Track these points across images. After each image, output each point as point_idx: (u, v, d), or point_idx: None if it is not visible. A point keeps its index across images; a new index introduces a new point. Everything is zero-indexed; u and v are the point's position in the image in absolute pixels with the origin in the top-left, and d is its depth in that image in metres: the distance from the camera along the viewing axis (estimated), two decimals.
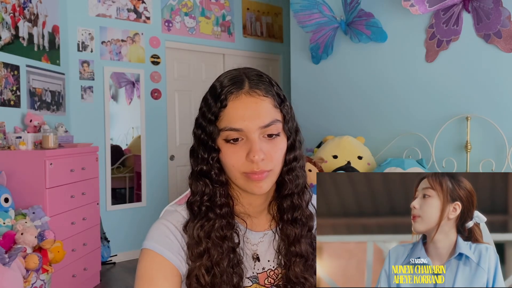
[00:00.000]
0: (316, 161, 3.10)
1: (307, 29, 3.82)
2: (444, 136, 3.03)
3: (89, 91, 3.98)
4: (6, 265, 2.13)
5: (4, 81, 2.98)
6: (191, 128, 0.88)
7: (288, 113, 0.83)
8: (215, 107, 0.80)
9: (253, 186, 0.79)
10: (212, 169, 0.82)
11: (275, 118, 0.79)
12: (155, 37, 4.32)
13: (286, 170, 0.84)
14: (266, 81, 0.82)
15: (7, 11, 3.02)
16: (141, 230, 4.22)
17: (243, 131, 0.77)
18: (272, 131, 0.79)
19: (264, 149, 0.78)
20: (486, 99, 2.86)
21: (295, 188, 0.85)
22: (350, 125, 3.66)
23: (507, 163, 2.72)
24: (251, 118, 0.77)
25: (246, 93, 0.79)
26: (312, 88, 4.00)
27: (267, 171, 0.79)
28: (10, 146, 2.88)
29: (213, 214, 0.82)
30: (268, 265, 0.87)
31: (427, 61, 3.15)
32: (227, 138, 0.79)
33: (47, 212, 2.74)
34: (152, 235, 0.84)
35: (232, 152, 0.79)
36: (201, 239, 0.80)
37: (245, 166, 0.78)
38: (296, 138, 0.85)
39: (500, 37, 2.76)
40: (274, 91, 0.82)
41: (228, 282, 0.80)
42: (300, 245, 0.84)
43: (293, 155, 0.84)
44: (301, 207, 0.86)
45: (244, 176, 0.79)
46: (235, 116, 0.77)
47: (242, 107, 0.78)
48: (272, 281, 0.86)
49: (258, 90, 0.79)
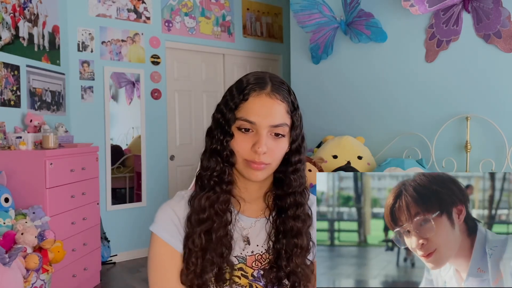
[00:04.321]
0: (316, 161, 3.10)
1: (307, 29, 3.83)
2: (444, 136, 3.03)
3: (89, 91, 3.98)
4: (6, 265, 2.13)
5: (4, 81, 2.98)
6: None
7: (297, 120, 0.94)
8: (238, 98, 0.91)
9: (250, 173, 0.90)
10: (225, 150, 0.91)
11: (285, 122, 0.91)
12: (155, 37, 4.32)
13: (292, 170, 0.95)
14: (286, 89, 0.93)
15: (7, 11, 3.02)
16: (141, 230, 4.22)
17: (255, 125, 0.88)
18: (279, 131, 0.90)
19: (269, 144, 0.89)
20: (486, 99, 2.86)
21: (299, 187, 0.95)
22: (350, 125, 3.67)
23: (507, 163, 2.72)
24: (265, 116, 0.88)
25: (267, 94, 0.90)
26: (312, 88, 4.00)
27: (266, 164, 0.89)
28: (10, 146, 2.88)
29: (219, 189, 0.92)
30: (257, 250, 0.96)
31: (427, 61, 3.16)
32: (240, 127, 0.89)
33: (47, 212, 2.74)
34: (159, 218, 0.96)
35: (241, 140, 0.90)
36: (206, 208, 0.91)
37: (248, 154, 0.89)
38: (302, 144, 0.96)
39: (500, 37, 2.76)
40: (290, 99, 0.93)
41: (218, 251, 0.90)
42: (303, 238, 0.94)
43: (298, 157, 0.95)
44: (303, 204, 0.96)
45: (245, 163, 0.90)
46: (252, 110, 0.89)
47: (260, 104, 0.89)
48: (260, 264, 0.95)
49: (278, 94, 0.90)
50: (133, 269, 3.90)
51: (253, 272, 0.94)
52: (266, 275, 0.94)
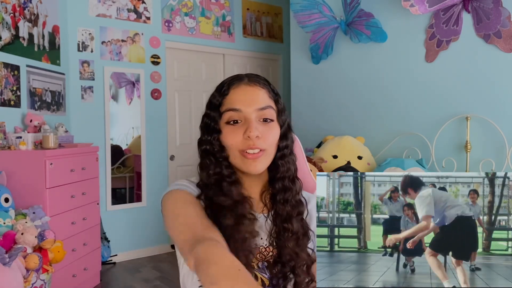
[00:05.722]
0: (316, 161, 3.10)
1: (307, 29, 3.82)
2: (444, 136, 3.03)
3: (89, 91, 3.98)
4: (6, 265, 2.13)
5: (4, 81, 2.98)
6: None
7: (281, 107, 0.96)
8: (219, 96, 0.93)
9: (248, 164, 0.90)
10: (214, 147, 0.92)
11: (269, 105, 0.92)
12: (155, 37, 4.32)
13: (279, 156, 0.96)
14: (263, 79, 0.97)
15: (7, 11, 3.02)
16: (141, 230, 4.23)
17: (242, 112, 0.89)
18: (267, 115, 0.91)
19: (260, 129, 0.89)
20: (486, 99, 2.86)
21: (287, 173, 0.96)
22: (350, 125, 3.67)
23: (507, 163, 2.72)
24: (249, 102, 0.90)
25: (246, 83, 0.93)
26: (312, 88, 4.00)
27: (262, 150, 0.90)
28: (10, 146, 2.88)
29: (225, 183, 0.92)
30: (261, 242, 0.96)
31: (427, 61, 3.16)
32: (229, 120, 0.90)
33: (47, 212, 2.74)
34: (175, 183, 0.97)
35: (231, 132, 0.90)
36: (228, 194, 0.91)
37: (242, 144, 0.89)
38: (288, 132, 0.97)
39: (500, 37, 2.76)
40: (270, 87, 0.96)
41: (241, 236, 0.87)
42: (292, 223, 0.94)
43: (285, 143, 0.96)
44: (292, 190, 0.96)
45: (241, 156, 0.90)
46: (235, 99, 0.91)
47: (242, 92, 0.91)
48: (264, 257, 0.95)
49: (256, 82, 0.93)
50: (133, 269, 3.91)
51: (258, 263, 0.94)
52: (270, 268, 0.94)
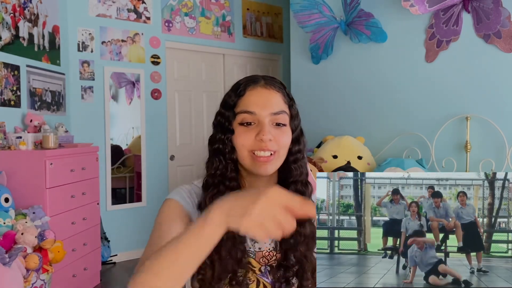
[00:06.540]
0: (316, 161, 3.10)
1: (307, 29, 3.82)
2: (444, 136, 3.03)
3: (89, 91, 3.98)
4: (6, 265, 2.13)
5: (4, 81, 2.98)
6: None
7: (295, 112, 0.97)
8: (234, 96, 0.93)
9: (258, 167, 0.90)
10: (226, 147, 0.92)
11: (284, 110, 0.93)
12: (155, 37, 4.32)
13: (292, 160, 0.96)
14: (279, 82, 0.97)
15: (7, 11, 3.02)
16: (141, 230, 4.23)
17: (256, 115, 0.90)
18: (280, 120, 0.92)
19: (272, 133, 0.90)
20: (486, 99, 2.86)
21: (299, 176, 0.96)
22: (350, 125, 3.67)
23: (507, 163, 2.73)
24: (264, 105, 0.91)
25: (262, 86, 0.93)
26: (312, 88, 4.00)
27: (273, 151, 0.90)
28: (11, 146, 2.88)
29: (223, 186, 0.92)
30: (264, 246, 0.96)
31: (427, 61, 3.16)
32: (242, 121, 0.91)
33: (47, 212, 2.74)
34: (176, 191, 0.97)
35: (244, 132, 0.91)
36: None
37: (253, 145, 0.90)
38: (301, 136, 0.98)
39: (499, 37, 2.76)
40: (285, 91, 0.96)
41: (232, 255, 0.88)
42: (306, 227, 0.93)
43: (298, 147, 0.96)
44: (305, 193, 0.96)
45: (251, 158, 0.91)
46: (250, 101, 0.91)
47: (257, 95, 0.92)
48: (267, 261, 0.95)
49: (272, 86, 0.94)
50: (133, 269, 3.88)
51: (261, 267, 0.94)
52: (273, 272, 0.94)
